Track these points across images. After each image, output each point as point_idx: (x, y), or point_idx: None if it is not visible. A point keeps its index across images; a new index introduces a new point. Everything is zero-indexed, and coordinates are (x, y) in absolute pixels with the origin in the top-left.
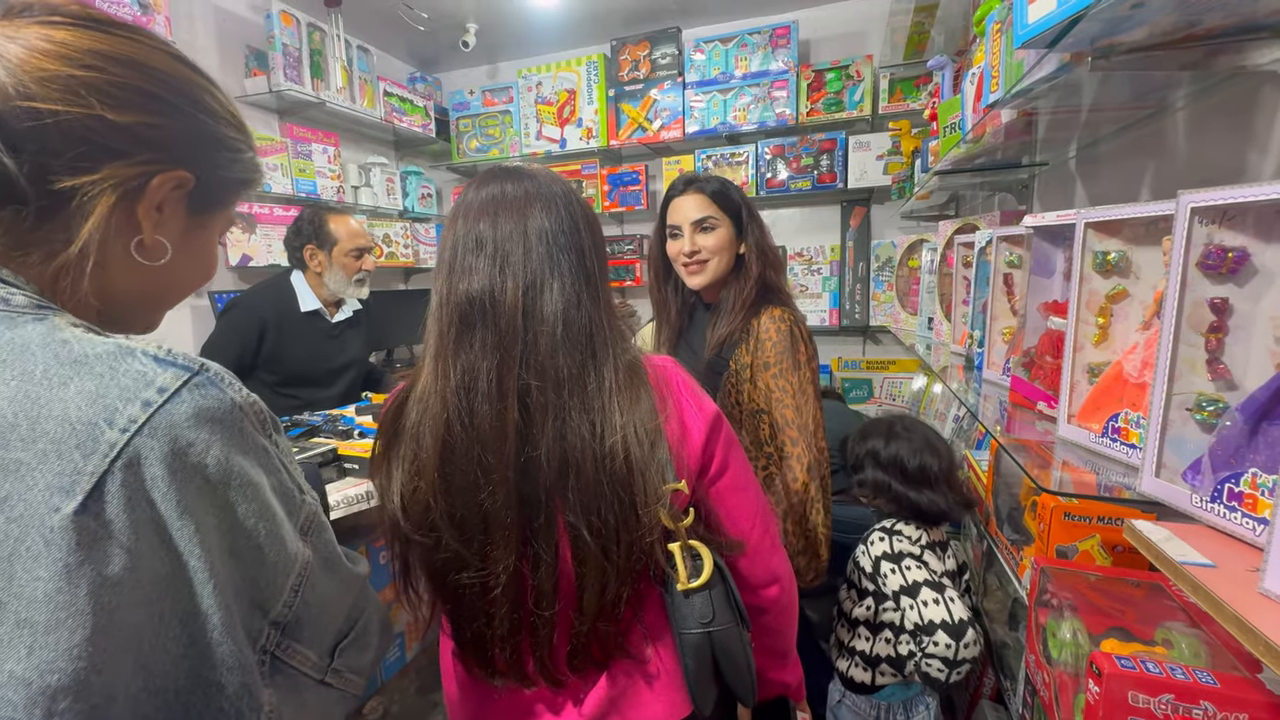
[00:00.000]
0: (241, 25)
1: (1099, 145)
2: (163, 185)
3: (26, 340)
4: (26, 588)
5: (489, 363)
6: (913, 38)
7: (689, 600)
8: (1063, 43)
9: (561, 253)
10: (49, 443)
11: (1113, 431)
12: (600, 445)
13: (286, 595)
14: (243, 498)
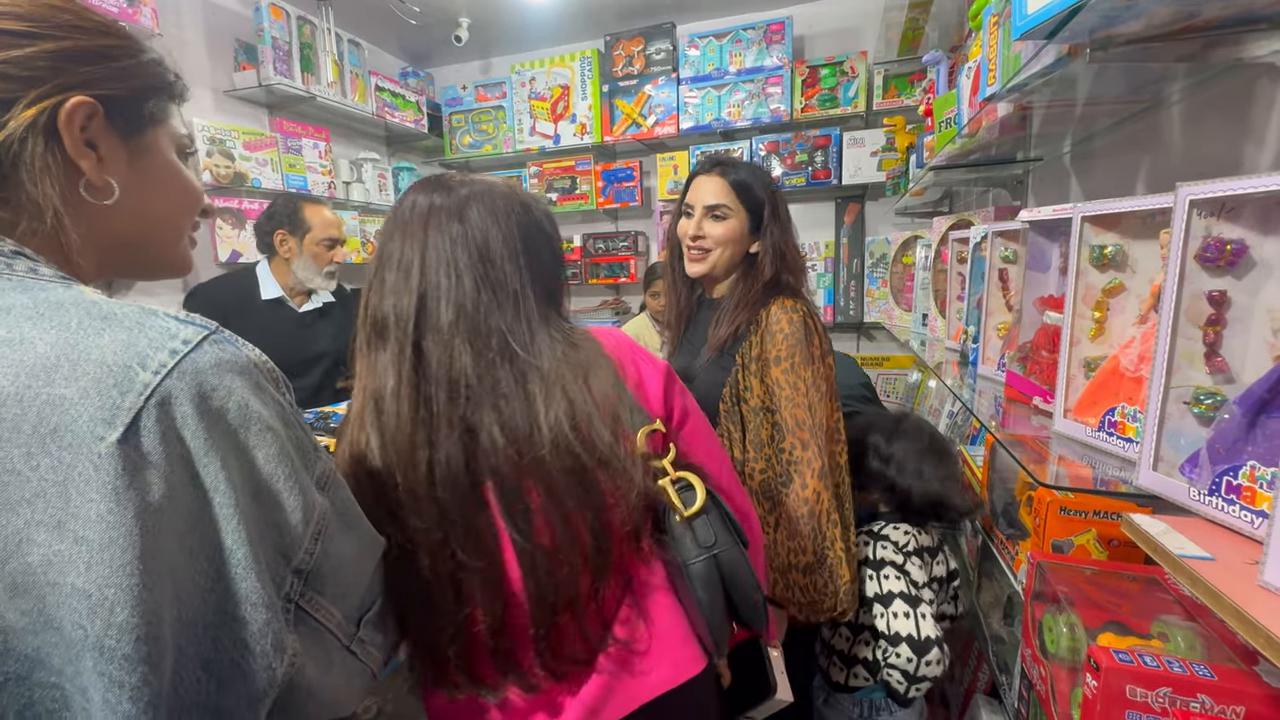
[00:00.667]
0: (230, 18)
1: (1094, 140)
2: (72, 118)
3: (60, 299)
4: (82, 508)
5: (392, 380)
6: (907, 34)
7: (690, 528)
8: (1061, 34)
9: (466, 264)
10: (90, 381)
11: (1109, 425)
12: (538, 435)
13: (308, 543)
14: (262, 442)
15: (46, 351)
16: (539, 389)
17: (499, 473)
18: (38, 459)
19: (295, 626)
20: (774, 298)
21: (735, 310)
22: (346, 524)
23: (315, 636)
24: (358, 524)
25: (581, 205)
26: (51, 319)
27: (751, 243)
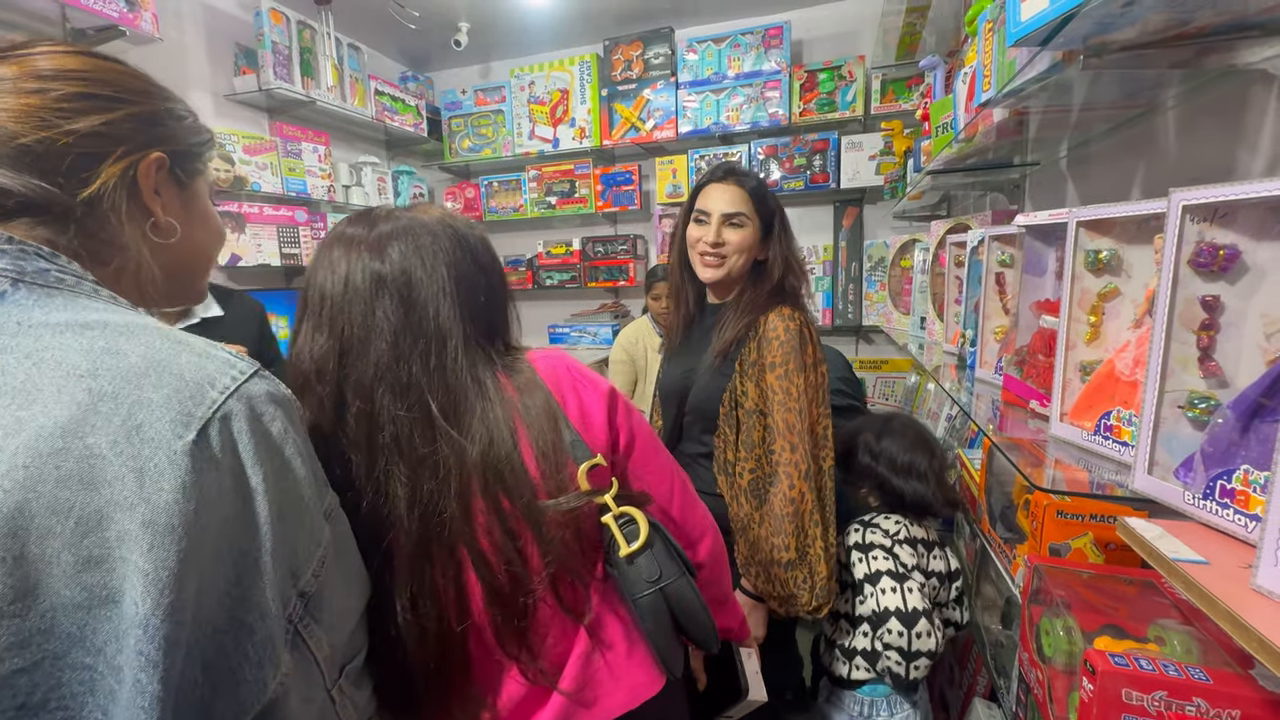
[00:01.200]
0: (230, 23)
1: (1090, 145)
2: (149, 169)
3: (144, 322)
4: (153, 496)
5: (319, 425)
6: (904, 39)
7: (634, 564)
8: (1055, 41)
9: (386, 309)
10: (171, 390)
11: (1105, 429)
12: (451, 502)
13: (314, 565)
14: (292, 466)
15: (138, 362)
16: (464, 446)
17: (419, 535)
18: (122, 447)
19: (291, 650)
20: (774, 305)
21: (740, 315)
22: (342, 556)
23: (304, 666)
24: (352, 560)
25: (580, 209)
26: (139, 337)
27: (762, 250)
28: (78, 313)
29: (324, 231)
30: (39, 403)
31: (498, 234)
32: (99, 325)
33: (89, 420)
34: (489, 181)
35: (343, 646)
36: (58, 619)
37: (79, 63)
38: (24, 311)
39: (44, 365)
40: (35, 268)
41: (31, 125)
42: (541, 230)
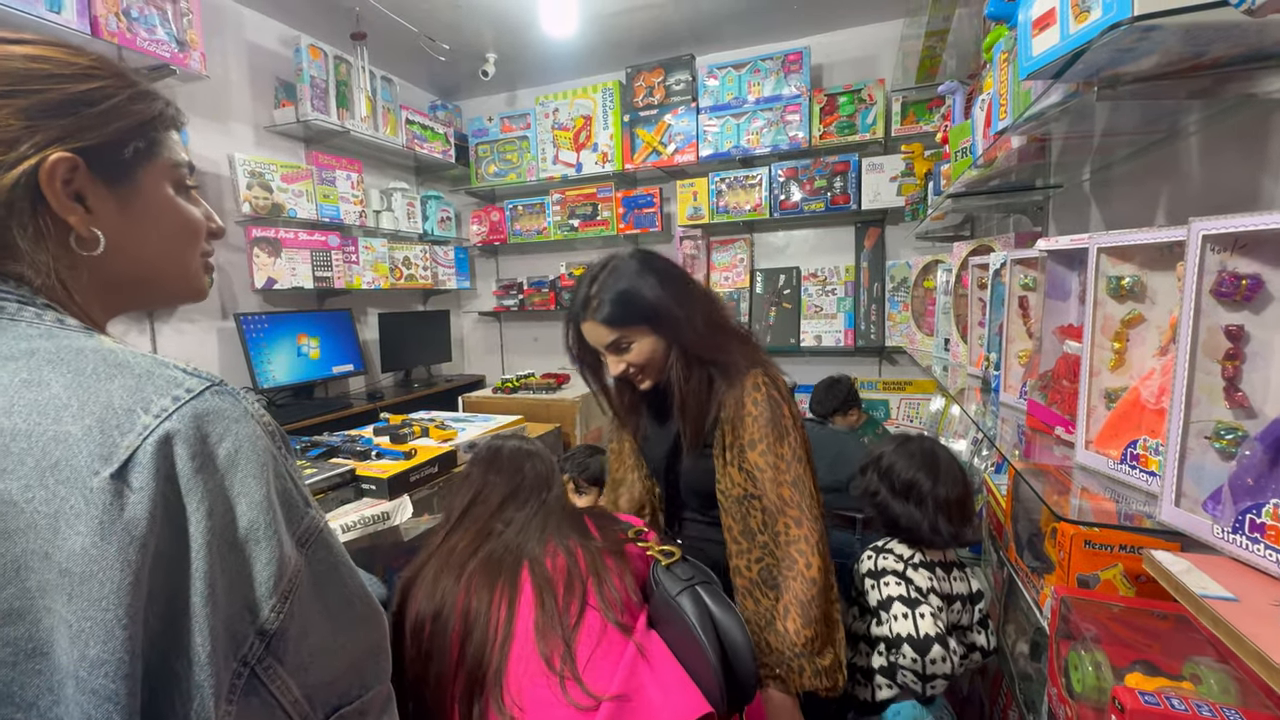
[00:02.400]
0: (272, 59)
1: (1112, 169)
2: (52, 175)
3: (80, 346)
4: (68, 541)
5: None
6: (924, 62)
7: (671, 571)
8: (1068, 74)
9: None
10: (94, 420)
11: (1131, 458)
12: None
13: (276, 600)
14: (246, 490)
15: (59, 393)
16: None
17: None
18: (34, 491)
19: (245, 696)
20: (735, 380)
21: (689, 406)
22: (320, 589)
23: (264, 710)
24: (342, 591)
25: (602, 231)
26: (70, 364)
27: (672, 337)
28: (5, 344)
29: (355, 255)
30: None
31: (521, 256)
32: (25, 355)
33: (3, 465)
34: (514, 205)
35: (327, 686)
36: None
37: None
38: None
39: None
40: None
41: None
42: (564, 252)
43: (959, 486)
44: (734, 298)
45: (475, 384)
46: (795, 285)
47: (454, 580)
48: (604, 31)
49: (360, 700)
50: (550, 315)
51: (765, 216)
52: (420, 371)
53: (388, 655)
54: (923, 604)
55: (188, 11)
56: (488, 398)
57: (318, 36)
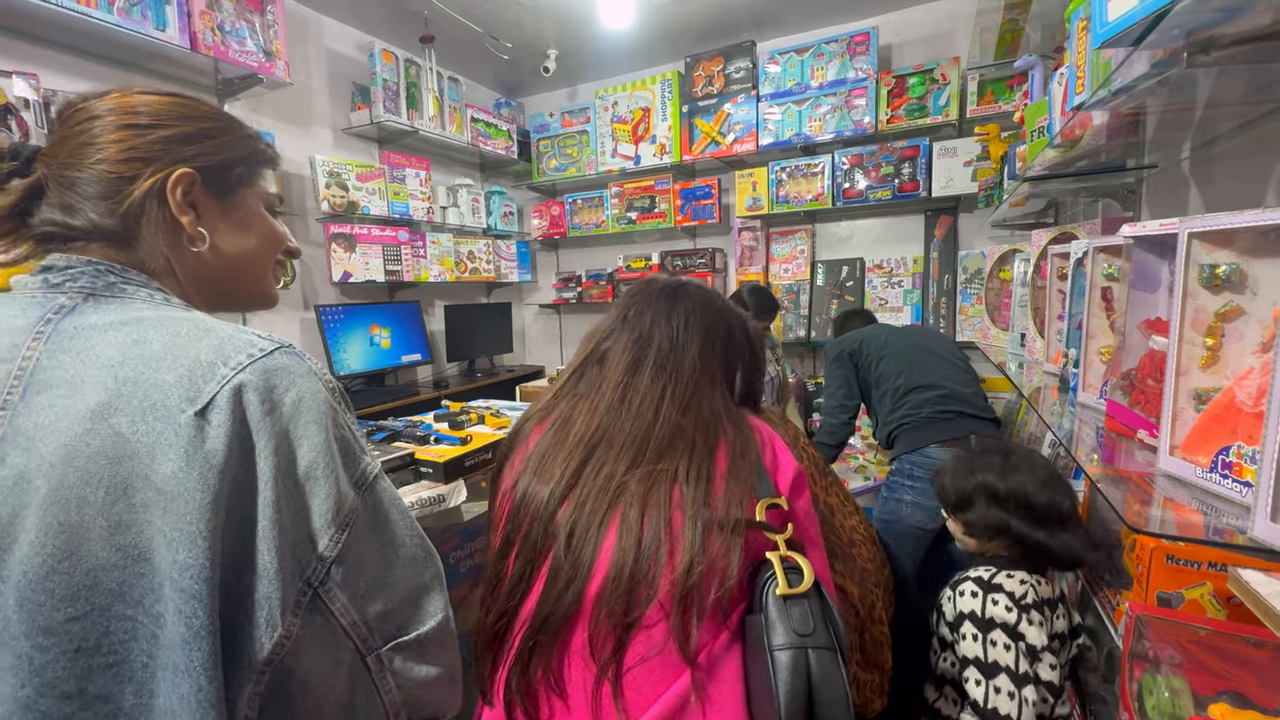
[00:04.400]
0: (349, 64)
1: (1216, 145)
2: (176, 185)
3: (178, 316)
4: (163, 466)
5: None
6: (1005, 36)
7: (786, 608)
8: (1150, 39)
9: (663, 354)
10: (184, 371)
11: (1223, 466)
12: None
13: (334, 531)
14: (307, 434)
15: (159, 349)
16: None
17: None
18: (138, 425)
19: (308, 613)
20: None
21: None
22: (374, 528)
23: (325, 629)
24: (395, 533)
25: (660, 224)
26: (168, 328)
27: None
28: (122, 313)
29: (423, 249)
30: (79, 392)
31: (580, 249)
32: (135, 321)
33: (114, 404)
34: (573, 199)
35: (384, 616)
36: (99, 577)
37: (133, 100)
38: (83, 318)
39: (86, 359)
40: (105, 283)
41: (86, 162)
42: (622, 245)
43: (1074, 493)
44: (793, 290)
45: (535, 374)
46: (859, 277)
47: (560, 466)
48: (662, 22)
49: (417, 633)
50: (608, 308)
51: (828, 206)
52: (483, 361)
53: (444, 595)
54: (1029, 684)
55: (274, 23)
56: (544, 388)
57: (390, 41)
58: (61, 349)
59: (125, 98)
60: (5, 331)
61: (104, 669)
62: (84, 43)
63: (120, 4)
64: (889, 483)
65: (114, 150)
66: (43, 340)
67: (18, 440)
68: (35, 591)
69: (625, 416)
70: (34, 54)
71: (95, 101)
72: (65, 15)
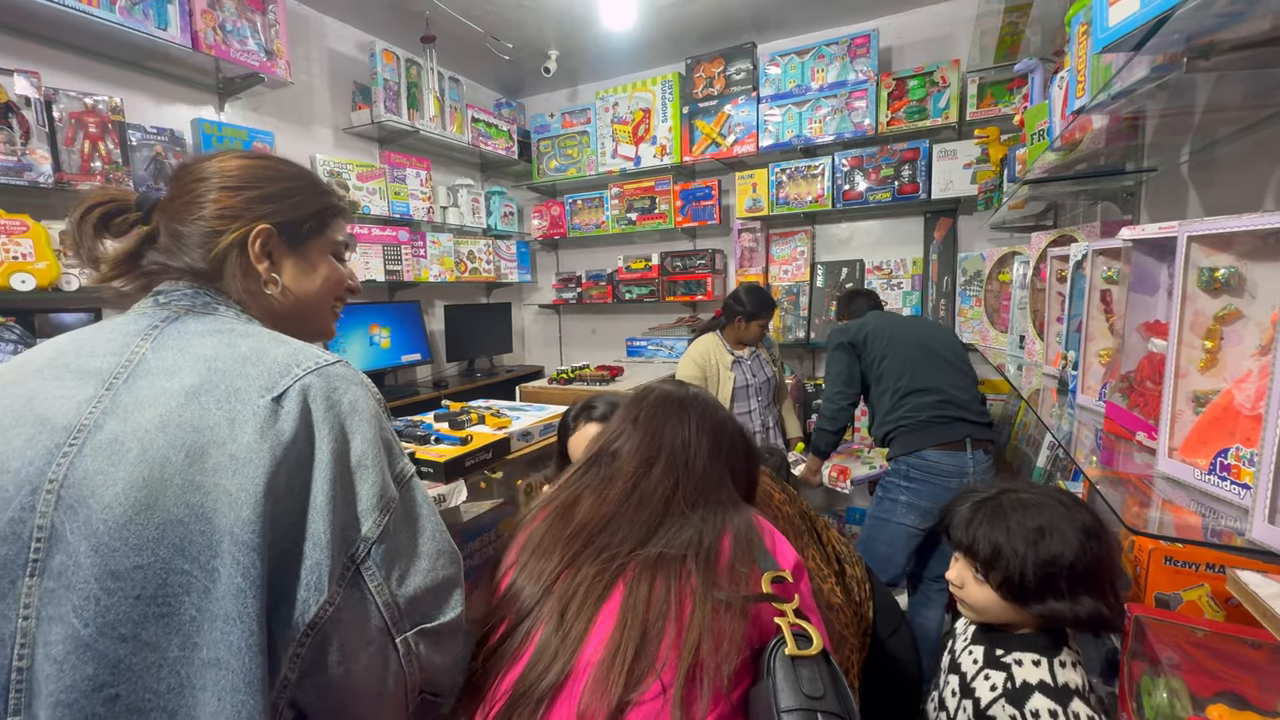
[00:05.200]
0: (350, 64)
1: (1215, 149)
2: (255, 239)
3: (260, 330)
4: (240, 437)
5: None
6: (1005, 39)
7: (795, 670)
8: (1151, 44)
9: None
10: (265, 368)
11: (1221, 468)
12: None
13: (377, 515)
14: (359, 430)
15: (245, 350)
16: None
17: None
18: (221, 405)
19: (349, 587)
20: None
21: None
22: (409, 520)
23: (361, 603)
24: (427, 531)
25: (660, 225)
26: (253, 336)
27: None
28: (218, 324)
29: (424, 249)
30: (178, 376)
31: (580, 250)
32: (227, 330)
33: (205, 387)
34: (573, 200)
35: (413, 601)
36: (166, 531)
37: (230, 165)
38: (186, 325)
39: (186, 354)
40: (202, 302)
41: (190, 218)
42: (622, 245)
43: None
44: (793, 291)
45: (535, 374)
46: (859, 279)
47: (562, 548)
48: (663, 23)
49: (439, 622)
50: (607, 308)
51: (828, 208)
52: (483, 361)
53: (462, 591)
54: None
55: (275, 23)
56: (543, 388)
57: (391, 41)
58: (165, 347)
59: (225, 162)
60: (121, 335)
61: (157, 618)
62: (86, 41)
63: (122, 3)
64: (885, 483)
65: (211, 209)
66: (150, 340)
67: (117, 412)
68: (112, 538)
69: (633, 507)
70: (36, 52)
71: (204, 164)
72: (67, 14)
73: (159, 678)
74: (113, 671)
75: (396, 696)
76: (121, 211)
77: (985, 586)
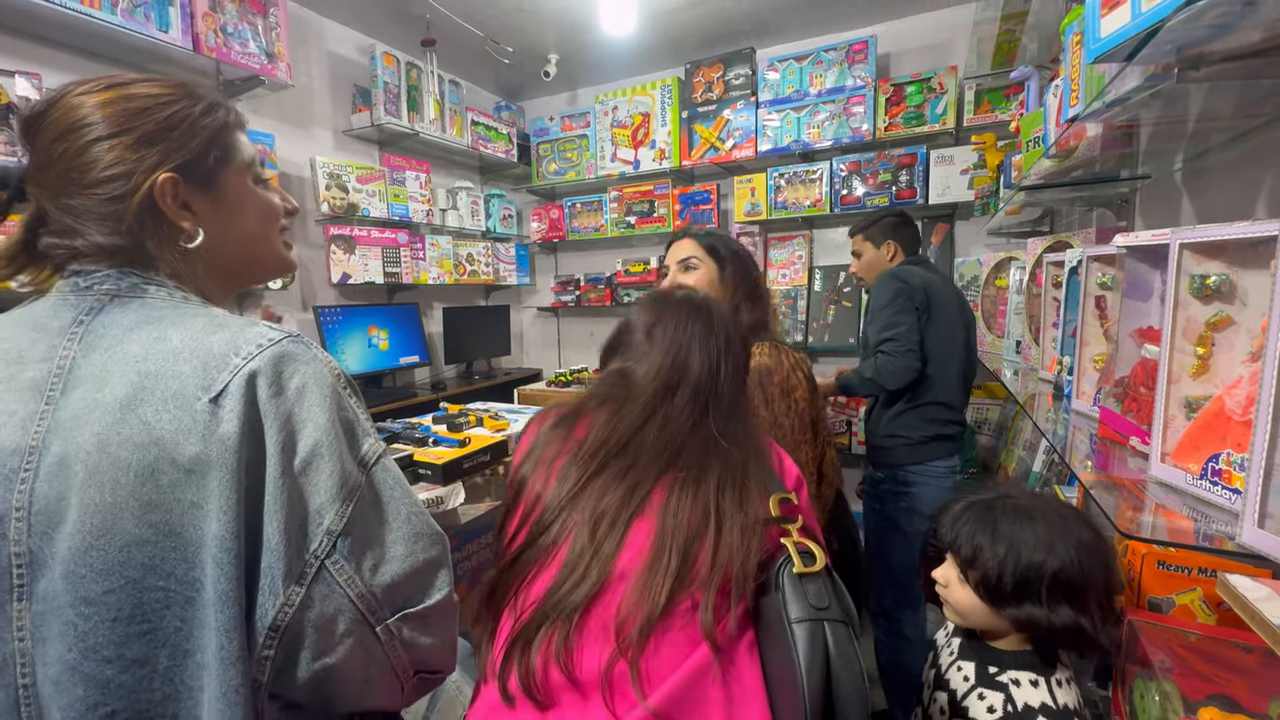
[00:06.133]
0: (350, 67)
1: (1208, 157)
2: (163, 192)
3: (195, 312)
4: (186, 448)
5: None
6: (1002, 46)
7: (802, 585)
8: (1142, 55)
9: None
10: (200, 363)
11: (1213, 473)
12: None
13: (339, 506)
14: (311, 416)
15: (178, 344)
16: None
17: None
18: (161, 414)
19: (314, 583)
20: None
21: None
22: (380, 506)
23: (332, 599)
24: (395, 510)
25: (659, 228)
26: (185, 324)
27: (722, 291)
28: (145, 313)
29: (423, 251)
30: (109, 385)
31: (579, 253)
32: (156, 320)
33: (139, 396)
34: (573, 203)
35: (390, 589)
36: (131, 553)
37: (86, 110)
38: (109, 317)
39: (114, 356)
40: (128, 284)
41: (71, 189)
42: (621, 249)
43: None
44: (791, 295)
45: (533, 377)
46: (856, 283)
47: (579, 468)
48: (663, 28)
49: (423, 605)
50: (606, 311)
51: (825, 212)
52: (481, 364)
53: (449, 570)
54: None
55: (276, 25)
56: (541, 390)
57: (391, 44)
58: (93, 347)
59: (81, 106)
60: (44, 333)
61: (139, 636)
62: (86, 43)
63: (123, 5)
64: (880, 492)
65: (95, 173)
66: (76, 340)
67: (59, 430)
68: (77, 565)
69: (656, 429)
70: (37, 53)
71: (57, 115)
72: (68, 15)
73: (152, 689)
74: (103, 691)
75: (386, 681)
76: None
77: (967, 588)
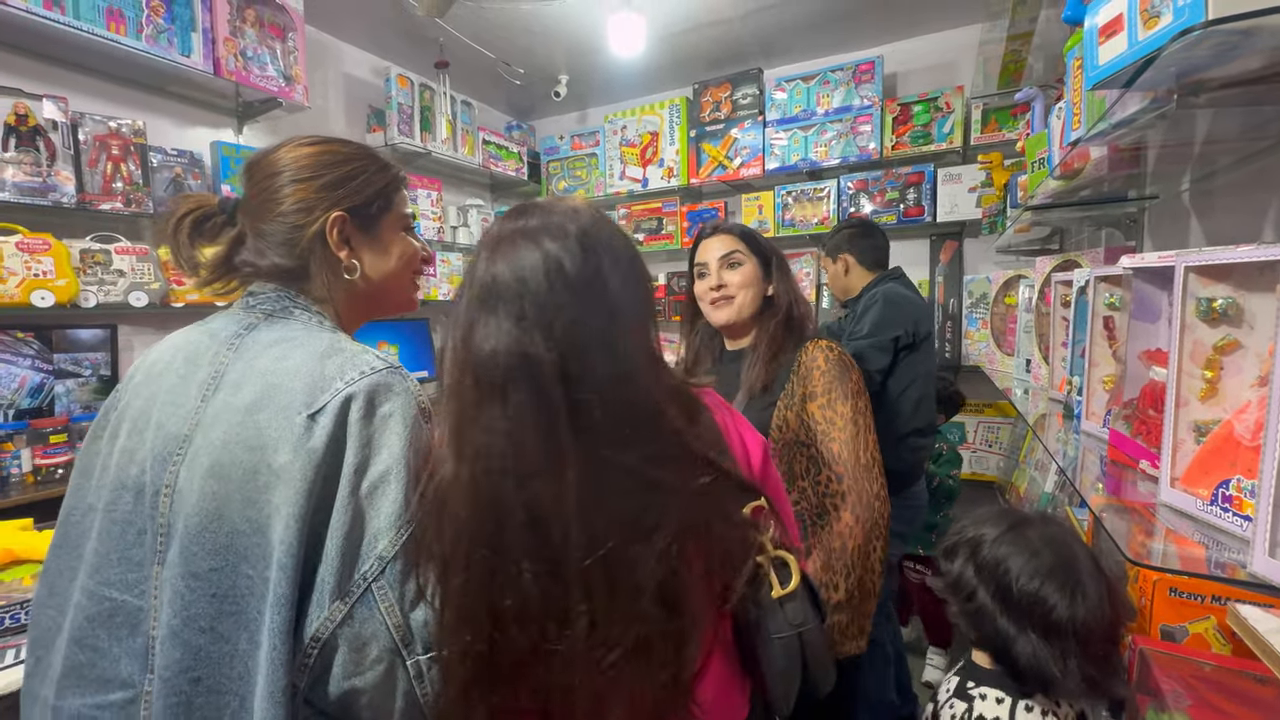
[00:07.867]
0: (365, 88)
1: (1215, 178)
2: (332, 229)
3: (321, 336)
4: (280, 454)
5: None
6: (1008, 66)
7: (782, 607)
8: (1141, 81)
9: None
10: (310, 382)
11: (1223, 499)
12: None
13: (394, 534)
14: (388, 443)
15: (298, 363)
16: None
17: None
18: (272, 421)
19: (358, 604)
20: (805, 340)
21: (765, 353)
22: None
23: (369, 623)
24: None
25: (667, 245)
26: (310, 347)
27: (766, 286)
28: (283, 333)
29: (433, 268)
30: (241, 391)
31: None
32: (287, 340)
33: (260, 403)
34: None
35: (425, 626)
36: (233, 540)
37: (298, 155)
38: (258, 334)
39: (251, 367)
40: (281, 306)
41: (268, 216)
42: None
43: (1103, 605)
44: None
45: None
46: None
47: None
48: (672, 50)
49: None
50: None
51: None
52: None
53: None
54: None
55: (294, 49)
56: None
57: (405, 66)
58: (240, 357)
59: (292, 152)
60: (215, 341)
61: (229, 614)
62: (112, 67)
63: (148, 31)
64: None
65: (288, 204)
66: (234, 350)
67: (202, 425)
68: (191, 542)
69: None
70: (63, 78)
71: (273, 158)
72: (96, 41)
73: (233, 665)
74: (195, 657)
75: (411, 715)
76: (209, 216)
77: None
